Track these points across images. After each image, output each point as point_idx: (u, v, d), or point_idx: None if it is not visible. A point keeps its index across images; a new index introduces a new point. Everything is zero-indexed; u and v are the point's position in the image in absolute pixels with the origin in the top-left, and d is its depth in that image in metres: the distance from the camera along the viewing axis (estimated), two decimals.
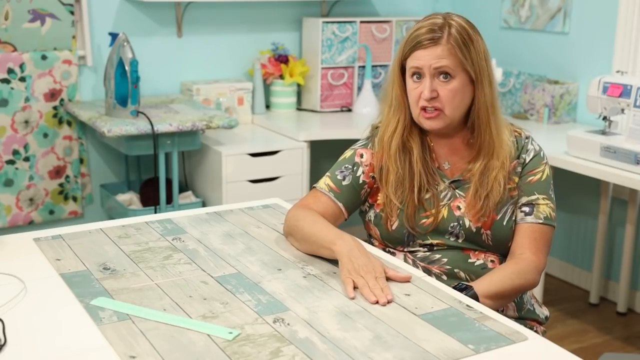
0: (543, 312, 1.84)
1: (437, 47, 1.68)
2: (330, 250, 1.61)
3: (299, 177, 3.30)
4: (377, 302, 1.44)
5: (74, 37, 3.32)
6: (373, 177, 1.80)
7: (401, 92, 1.76)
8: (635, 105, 2.62)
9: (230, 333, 1.30)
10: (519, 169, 1.77)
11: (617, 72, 2.79)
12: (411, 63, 1.72)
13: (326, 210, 1.77)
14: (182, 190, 3.35)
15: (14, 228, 3.28)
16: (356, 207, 1.84)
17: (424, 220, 1.75)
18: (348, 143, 2.01)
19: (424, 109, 1.71)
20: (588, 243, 3.58)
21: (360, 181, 1.80)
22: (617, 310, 3.37)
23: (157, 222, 1.92)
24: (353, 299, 1.46)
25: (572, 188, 3.58)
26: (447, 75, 1.69)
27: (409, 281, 1.55)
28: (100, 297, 1.45)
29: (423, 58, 1.69)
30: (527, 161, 1.77)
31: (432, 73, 1.69)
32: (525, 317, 1.79)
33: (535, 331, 1.77)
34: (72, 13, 3.30)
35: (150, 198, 3.22)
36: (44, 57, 3.25)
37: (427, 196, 1.76)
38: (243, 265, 1.63)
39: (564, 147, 2.91)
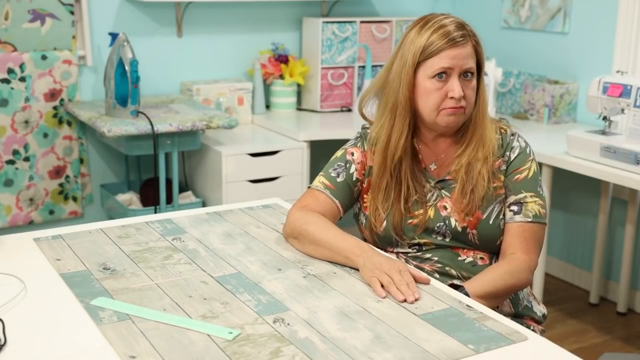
0: (540, 309, 1.83)
1: (467, 45, 1.69)
2: (348, 259, 1.62)
3: (299, 177, 3.30)
4: (405, 301, 1.45)
5: (74, 37, 3.32)
6: (364, 175, 1.81)
7: (410, 96, 1.72)
8: (635, 105, 2.62)
9: (230, 333, 1.30)
10: (504, 167, 1.76)
11: (617, 72, 2.79)
12: (438, 64, 1.67)
13: (325, 209, 1.77)
14: (182, 190, 3.35)
15: (14, 228, 3.28)
16: (351, 205, 1.84)
17: (410, 221, 1.76)
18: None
19: (447, 107, 1.69)
20: (588, 243, 3.58)
21: (354, 178, 1.81)
22: (617, 310, 3.37)
23: (157, 222, 1.92)
24: (385, 297, 1.47)
25: (572, 188, 3.58)
26: (468, 74, 1.70)
27: (427, 284, 1.55)
28: (100, 297, 1.45)
29: (454, 58, 1.67)
30: (512, 159, 1.76)
31: (459, 73, 1.68)
32: (521, 314, 1.78)
33: (533, 330, 1.76)
34: (72, 13, 3.30)
35: (150, 198, 3.22)
36: (44, 57, 3.25)
37: (413, 198, 1.76)
38: (243, 265, 1.63)
39: (564, 147, 2.91)
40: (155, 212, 2.97)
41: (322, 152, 3.77)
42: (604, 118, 2.77)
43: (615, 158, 2.67)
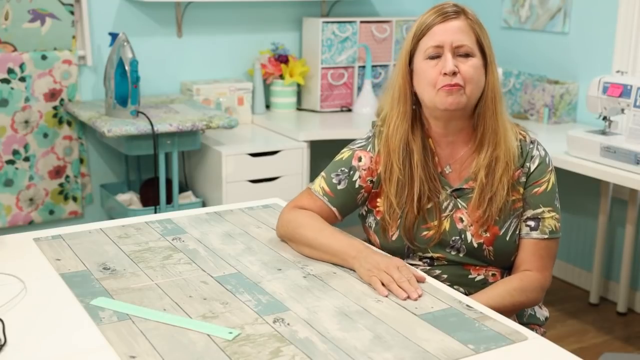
0: (543, 313, 1.82)
1: (457, 20, 1.64)
2: (344, 261, 1.60)
3: (299, 177, 3.30)
4: (408, 298, 1.44)
5: (74, 37, 3.32)
6: (371, 182, 1.75)
7: (405, 83, 1.68)
8: (635, 105, 2.62)
9: (230, 333, 1.30)
10: (524, 179, 1.70)
11: (617, 72, 2.79)
12: (428, 42, 1.64)
13: (321, 213, 1.74)
14: (182, 190, 3.35)
15: (14, 228, 3.28)
16: (351, 211, 1.80)
17: (425, 233, 1.70)
18: (348, 143, 2.00)
19: (443, 86, 1.62)
20: (588, 243, 3.58)
21: (357, 186, 1.75)
22: (617, 310, 3.37)
23: (157, 222, 1.92)
24: (387, 296, 1.46)
25: (572, 188, 3.58)
26: (467, 55, 1.64)
27: (423, 281, 1.54)
28: (100, 297, 1.45)
29: (444, 33, 1.63)
30: (531, 170, 1.70)
31: (452, 51, 1.62)
32: (524, 323, 1.75)
33: (534, 331, 1.76)
34: (72, 13, 3.30)
35: (150, 198, 3.22)
36: (44, 57, 3.25)
37: (428, 206, 1.69)
38: (243, 265, 1.63)
39: (564, 147, 2.91)
40: (155, 212, 2.97)
41: (322, 152, 3.77)
42: (604, 118, 2.77)
43: (615, 158, 2.67)
